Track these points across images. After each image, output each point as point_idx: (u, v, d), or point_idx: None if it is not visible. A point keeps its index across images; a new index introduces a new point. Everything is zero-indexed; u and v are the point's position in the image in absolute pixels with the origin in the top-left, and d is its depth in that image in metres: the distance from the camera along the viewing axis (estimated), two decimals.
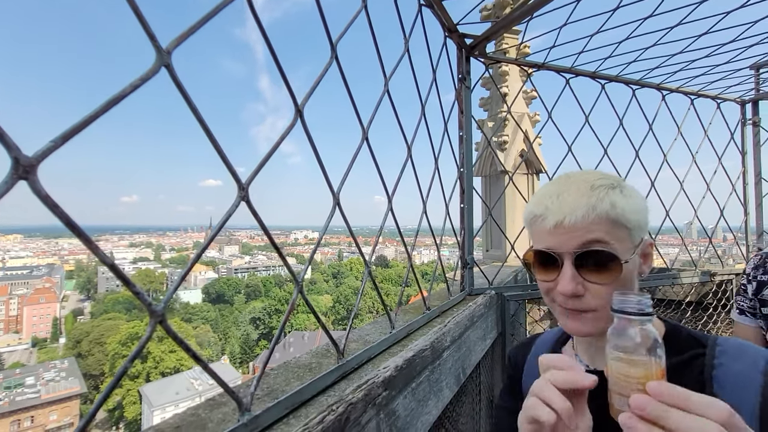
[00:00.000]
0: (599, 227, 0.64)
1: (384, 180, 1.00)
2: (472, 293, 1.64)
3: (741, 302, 1.47)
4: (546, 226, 0.67)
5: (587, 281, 0.65)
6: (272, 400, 0.63)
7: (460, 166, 1.62)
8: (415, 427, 0.88)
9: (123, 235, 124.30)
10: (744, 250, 2.61)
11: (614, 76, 2.05)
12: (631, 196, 0.67)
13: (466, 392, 1.38)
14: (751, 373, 0.60)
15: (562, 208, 0.65)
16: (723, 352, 0.64)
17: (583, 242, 0.64)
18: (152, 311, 0.44)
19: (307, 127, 0.69)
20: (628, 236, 0.66)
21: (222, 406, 0.66)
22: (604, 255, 0.63)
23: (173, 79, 0.47)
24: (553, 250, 0.67)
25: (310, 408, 0.65)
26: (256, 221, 0.63)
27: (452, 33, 1.53)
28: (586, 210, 0.64)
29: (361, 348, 0.88)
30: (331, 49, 0.80)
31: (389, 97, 1.03)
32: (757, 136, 2.56)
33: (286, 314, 0.66)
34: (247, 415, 0.56)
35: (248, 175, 0.59)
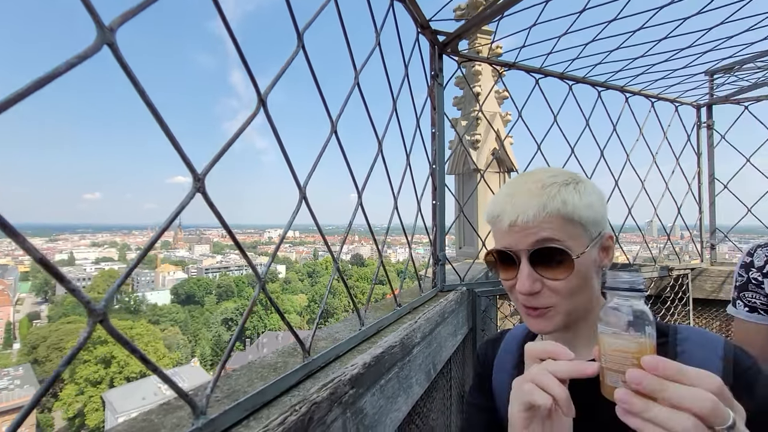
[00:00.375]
0: (551, 225, 0.66)
1: (353, 174, 0.98)
2: (444, 290, 1.64)
3: (752, 299, 1.30)
4: (502, 226, 0.70)
5: (544, 278, 0.66)
6: (231, 402, 0.60)
7: (433, 163, 1.62)
8: (383, 424, 0.87)
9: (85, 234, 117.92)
10: (699, 246, 2.76)
11: (581, 78, 2.12)
12: (585, 191, 0.69)
13: (437, 388, 1.38)
14: (712, 359, 0.63)
15: (515, 208, 0.68)
16: (684, 339, 0.67)
17: (536, 240, 0.66)
18: (91, 310, 0.40)
19: (271, 117, 0.66)
20: (583, 232, 0.67)
21: (178, 410, 0.62)
22: (557, 251, 0.65)
23: (118, 59, 0.43)
24: (510, 248, 0.69)
25: (272, 409, 0.63)
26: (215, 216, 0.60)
27: (425, 29, 1.53)
28: (536, 209, 0.66)
29: (328, 346, 0.86)
30: (298, 38, 0.77)
31: (359, 90, 1.01)
32: (710, 138, 2.71)
33: (247, 311, 0.63)
34: (202, 419, 0.53)
35: (205, 166, 0.55)
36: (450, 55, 1.72)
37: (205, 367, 44.35)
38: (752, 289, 1.30)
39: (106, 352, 36.13)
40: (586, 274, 0.67)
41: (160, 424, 0.58)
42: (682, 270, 2.47)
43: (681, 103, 2.61)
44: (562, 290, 0.66)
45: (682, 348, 0.66)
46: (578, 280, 0.66)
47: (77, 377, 35.58)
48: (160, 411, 0.62)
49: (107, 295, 0.43)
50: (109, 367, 36.11)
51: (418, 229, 1.58)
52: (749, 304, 1.30)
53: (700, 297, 2.49)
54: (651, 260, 2.50)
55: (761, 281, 1.28)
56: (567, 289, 0.66)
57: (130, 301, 59.47)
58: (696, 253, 2.78)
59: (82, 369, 35.64)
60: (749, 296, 1.30)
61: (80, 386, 35.42)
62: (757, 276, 1.29)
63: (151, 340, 39.76)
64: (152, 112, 0.47)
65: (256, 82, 0.65)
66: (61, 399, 35.37)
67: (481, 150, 2.85)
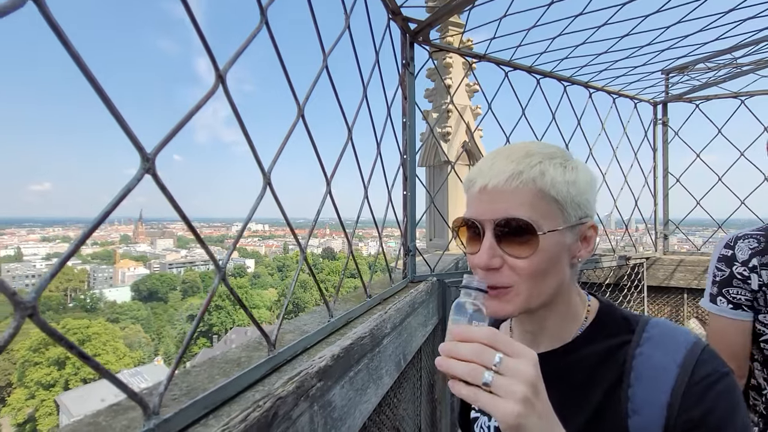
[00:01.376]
0: (522, 196, 0.60)
1: (322, 161, 0.94)
2: (414, 280, 1.64)
3: (737, 295, 1.19)
4: (474, 190, 0.65)
5: (506, 254, 0.61)
6: (189, 400, 0.56)
7: (404, 153, 1.61)
8: (353, 416, 0.85)
9: (33, 228, 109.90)
10: (653, 237, 2.93)
11: (548, 72, 2.16)
12: (573, 169, 0.63)
13: (407, 378, 1.39)
14: (668, 365, 0.58)
15: (489, 172, 0.62)
16: (648, 339, 0.62)
17: (503, 210, 0.60)
18: (17, 302, 0.35)
19: (230, 93, 0.61)
20: (558, 211, 0.61)
21: (129, 410, 0.57)
22: (524, 227, 0.59)
23: (44, 14, 0.38)
24: (475, 218, 0.64)
25: (234, 406, 0.59)
26: (168, 200, 0.55)
27: (396, 16, 1.50)
28: (510, 174, 0.60)
29: (296, 338, 0.83)
30: (261, 14, 0.72)
31: (328, 74, 0.97)
32: (665, 134, 2.86)
33: (206, 301, 0.59)
34: (154, 419, 0.49)
35: (155, 145, 0.50)
36: (421, 44, 1.70)
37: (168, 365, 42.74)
38: (737, 284, 1.19)
39: (60, 353, 34.04)
40: (554, 257, 0.61)
41: (108, 426, 0.53)
42: (638, 259, 2.61)
43: (639, 99, 2.73)
44: (523, 270, 0.60)
45: (641, 350, 0.61)
46: (543, 261, 0.60)
47: (27, 380, 33.33)
48: (110, 412, 0.57)
49: (38, 286, 0.38)
50: (64, 368, 34.08)
51: (389, 222, 1.56)
52: (734, 300, 1.19)
53: (654, 284, 2.65)
54: (610, 251, 2.63)
55: (748, 276, 1.17)
56: (529, 269, 0.60)
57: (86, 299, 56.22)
58: (650, 245, 2.94)
59: (33, 372, 33.41)
60: (734, 292, 1.19)
61: (31, 390, 33.21)
62: (743, 270, 1.18)
63: (109, 339, 37.80)
64: (88, 78, 0.42)
65: (213, 57, 0.60)
66: (10, 404, 33.05)
67: (452, 142, 2.87)
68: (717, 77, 2.43)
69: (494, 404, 0.47)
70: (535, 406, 0.47)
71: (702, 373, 0.56)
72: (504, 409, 0.46)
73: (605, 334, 0.65)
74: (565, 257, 0.64)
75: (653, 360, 0.59)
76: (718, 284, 1.23)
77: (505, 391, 0.46)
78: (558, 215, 0.61)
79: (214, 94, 0.61)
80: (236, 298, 0.60)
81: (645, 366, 0.59)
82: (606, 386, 0.61)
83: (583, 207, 0.63)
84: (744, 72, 2.30)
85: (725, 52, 2.05)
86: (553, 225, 0.61)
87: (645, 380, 0.58)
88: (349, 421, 0.83)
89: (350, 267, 1.19)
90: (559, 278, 0.64)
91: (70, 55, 0.40)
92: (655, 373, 0.58)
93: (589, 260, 2.43)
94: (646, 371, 0.59)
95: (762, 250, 1.16)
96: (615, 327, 0.66)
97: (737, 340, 1.20)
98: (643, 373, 0.59)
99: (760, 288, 1.15)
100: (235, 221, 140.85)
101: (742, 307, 1.19)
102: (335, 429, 0.77)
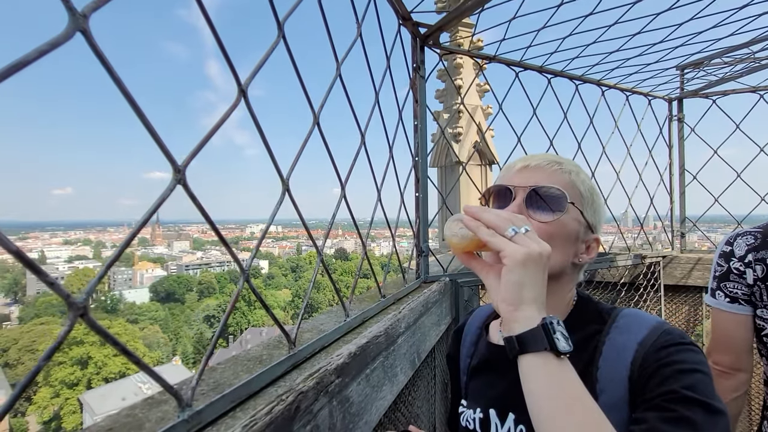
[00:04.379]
0: (558, 177, 0.70)
1: (336, 166, 0.98)
2: (427, 280, 1.67)
3: (733, 289, 1.24)
4: (513, 170, 0.75)
5: (531, 218, 0.69)
6: (217, 395, 0.60)
7: (415, 155, 1.63)
8: (369, 412, 0.88)
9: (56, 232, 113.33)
10: (670, 235, 2.88)
11: (559, 71, 2.16)
12: (590, 184, 0.74)
13: (421, 376, 1.41)
14: (629, 344, 0.63)
15: (532, 158, 0.74)
16: (616, 327, 0.67)
17: (538, 180, 0.70)
18: (71, 303, 0.39)
19: (252, 108, 0.65)
20: (581, 203, 0.71)
21: (162, 404, 0.61)
22: (554, 193, 0.68)
23: (92, 47, 0.42)
24: (510, 185, 0.72)
25: (259, 399, 0.63)
26: (197, 208, 0.59)
27: (406, 21, 1.53)
28: (551, 161, 0.72)
29: (314, 337, 0.87)
30: (278, 28, 0.76)
31: (341, 82, 1.01)
32: (681, 131, 2.81)
33: (232, 301, 0.62)
34: (188, 411, 0.53)
35: (185, 157, 0.54)
36: (432, 48, 1.73)
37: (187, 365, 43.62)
38: (733, 279, 1.25)
39: (83, 353, 35.06)
40: (567, 235, 0.69)
41: (144, 418, 0.57)
42: (654, 258, 2.58)
43: (654, 96, 2.69)
44: (542, 232, 0.66)
45: (610, 336, 0.66)
46: (558, 234, 0.68)
47: (52, 380, 34.43)
48: (144, 405, 0.61)
49: (87, 288, 0.42)
50: (86, 368, 35.10)
51: (401, 222, 1.59)
52: (730, 294, 1.25)
53: (671, 283, 2.61)
54: (625, 249, 2.60)
55: (743, 271, 1.23)
56: (547, 232, 0.67)
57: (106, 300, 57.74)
58: (667, 243, 2.89)
59: (57, 371, 34.50)
60: (731, 287, 1.25)
61: (55, 389, 34.29)
62: (739, 266, 1.24)
63: (129, 340, 38.74)
64: (129, 102, 0.46)
65: (236, 72, 0.64)
66: (36, 402, 34.17)
67: (463, 143, 2.88)
68: (734, 72, 2.38)
69: (508, 245, 0.55)
70: (540, 261, 0.55)
71: (658, 343, 0.60)
72: (517, 249, 0.54)
73: (580, 325, 0.70)
74: (574, 246, 0.71)
75: (617, 342, 0.65)
76: (717, 279, 1.29)
77: (522, 241, 0.55)
78: (580, 206, 0.71)
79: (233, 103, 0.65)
80: (259, 298, 0.64)
81: (610, 348, 0.64)
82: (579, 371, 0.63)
83: (596, 218, 0.73)
84: (762, 66, 2.25)
85: (742, 47, 2.02)
86: (576, 208, 0.70)
87: (608, 360, 0.63)
88: (366, 416, 0.86)
89: (364, 268, 1.22)
90: (564, 259, 0.70)
91: (113, 79, 0.44)
92: (617, 352, 0.63)
93: (603, 259, 2.41)
94: (610, 352, 0.64)
95: (758, 246, 1.21)
96: (589, 318, 0.71)
97: (734, 332, 1.24)
98: (608, 354, 0.64)
99: (755, 282, 1.20)
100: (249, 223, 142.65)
101: (738, 300, 1.24)
102: (353, 423, 0.80)
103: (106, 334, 0.44)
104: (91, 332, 9.73)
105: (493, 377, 0.77)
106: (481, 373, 0.80)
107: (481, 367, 0.80)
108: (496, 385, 0.75)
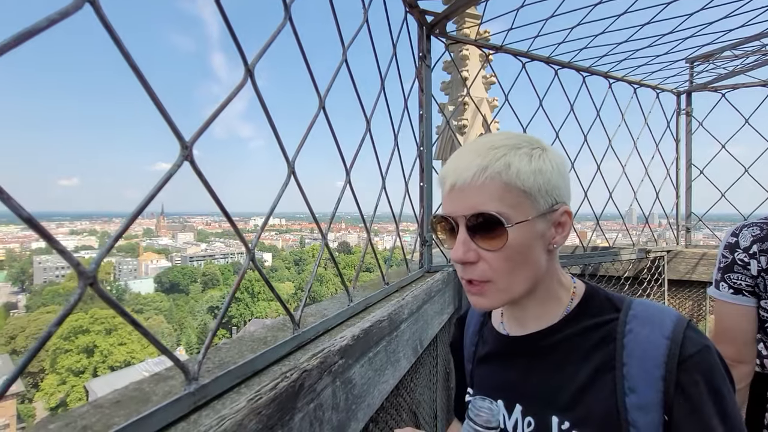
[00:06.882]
0: (489, 190, 0.60)
1: (341, 152, 0.98)
2: (431, 270, 1.67)
3: (737, 281, 1.23)
4: (446, 189, 0.66)
5: (480, 248, 0.62)
6: (222, 371, 0.61)
7: (420, 144, 1.63)
8: (371, 395, 0.89)
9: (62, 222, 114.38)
10: (675, 232, 2.86)
11: (566, 62, 2.14)
12: (538, 157, 0.63)
13: (423, 364, 1.42)
14: (657, 339, 0.58)
15: (456, 170, 0.63)
16: (634, 317, 0.63)
17: (472, 205, 0.61)
18: (81, 272, 0.40)
19: (258, 88, 0.65)
20: (528, 201, 0.61)
21: (169, 379, 0.62)
22: (491, 219, 0.60)
23: (100, 18, 0.42)
24: (449, 215, 0.65)
25: (263, 377, 0.64)
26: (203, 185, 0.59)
27: (413, 8, 1.51)
28: (476, 170, 0.61)
29: (317, 320, 0.87)
30: (285, 9, 0.76)
31: (347, 67, 1.00)
32: (689, 125, 2.78)
33: (237, 281, 0.63)
34: (194, 384, 0.54)
35: (192, 134, 0.55)
36: (438, 37, 1.71)
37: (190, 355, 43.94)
38: (738, 270, 1.23)
39: (89, 341, 35.53)
40: (526, 247, 0.62)
41: (151, 391, 0.58)
42: (658, 252, 2.57)
43: (662, 89, 2.66)
44: (497, 263, 0.61)
45: (630, 327, 0.62)
46: (516, 253, 0.61)
47: (59, 367, 34.98)
48: (152, 380, 0.62)
49: (96, 257, 0.43)
50: (92, 356, 35.60)
51: (405, 216, 1.59)
52: (734, 285, 1.24)
53: (675, 278, 2.60)
54: (630, 245, 2.59)
55: (747, 262, 1.21)
56: (503, 262, 0.61)
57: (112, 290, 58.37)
58: (672, 240, 2.88)
59: (64, 359, 35.02)
60: (734, 278, 1.24)
61: (62, 376, 34.84)
62: (743, 257, 1.22)
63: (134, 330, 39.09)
64: (138, 75, 0.46)
65: (242, 51, 0.64)
66: (43, 389, 34.76)
67: (468, 135, 2.87)
68: (744, 65, 2.35)
69: None
70: None
71: (692, 346, 0.57)
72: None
73: (590, 315, 0.66)
74: (539, 246, 0.64)
75: (641, 336, 0.60)
76: (721, 270, 1.27)
77: None
78: (527, 205, 0.61)
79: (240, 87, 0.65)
80: (264, 279, 0.65)
81: (636, 342, 0.60)
82: (595, 364, 0.62)
83: (553, 194, 0.63)
84: None
85: (753, 39, 1.99)
86: (523, 216, 0.61)
87: (637, 358, 0.59)
88: (368, 399, 0.88)
89: (366, 261, 1.23)
90: (535, 267, 0.64)
91: (122, 53, 0.44)
92: (645, 348, 0.59)
93: (607, 253, 2.40)
94: (637, 348, 0.59)
95: (763, 237, 1.20)
96: (599, 307, 0.67)
97: (737, 324, 1.23)
98: (635, 349, 0.59)
99: (759, 273, 1.19)
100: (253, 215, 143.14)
101: (742, 292, 1.22)
102: (355, 405, 0.81)
103: (114, 304, 0.45)
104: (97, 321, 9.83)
105: (499, 368, 0.76)
106: (487, 363, 0.79)
107: (486, 357, 0.80)
108: (502, 375, 0.74)
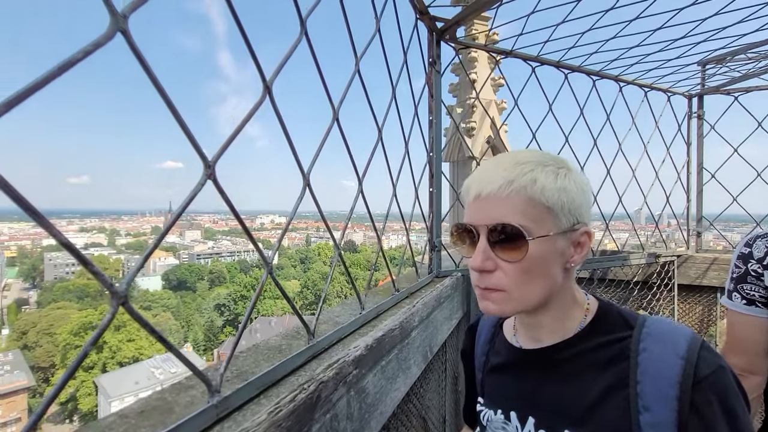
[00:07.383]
0: (514, 203, 0.62)
1: (354, 161, 0.99)
2: (440, 275, 1.68)
3: (750, 291, 1.23)
4: (470, 198, 0.68)
5: (498, 258, 0.64)
6: (242, 382, 0.62)
7: (430, 150, 1.64)
8: (384, 403, 0.90)
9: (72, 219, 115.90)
10: (685, 234, 2.84)
11: (576, 67, 2.13)
12: (566, 177, 0.64)
13: (432, 369, 1.43)
14: (671, 359, 0.59)
15: (482, 181, 0.65)
16: (648, 335, 0.63)
17: (496, 216, 0.63)
18: (114, 292, 0.42)
19: (276, 105, 0.67)
20: (550, 217, 0.63)
21: (190, 389, 0.64)
22: (513, 231, 0.62)
23: (131, 46, 0.44)
24: (471, 223, 0.67)
25: (281, 388, 0.66)
26: (225, 203, 0.61)
27: (423, 15, 1.52)
28: (502, 183, 0.63)
29: (331, 329, 0.89)
30: (301, 24, 0.77)
31: (360, 77, 1.01)
32: (701, 128, 2.75)
33: (255, 294, 0.65)
34: (217, 397, 0.56)
35: (215, 153, 0.56)
36: (448, 42, 1.72)
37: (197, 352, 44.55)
38: (751, 281, 1.23)
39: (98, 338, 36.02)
40: (544, 262, 0.63)
41: (174, 402, 0.60)
42: (668, 257, 2.55)
43: (673, 92, 2.64)
44: (514, 274, 0.63)
45: (644, 345, 0.62)
46: (534, 266, 0.63)
47: (68, 362, 35.51)
48: (173, 390, 0.64)
49: (127, 278, 0.44)
50: (101, 352, 36.11)
51: (415, 217, 1.60)
52: (747, 296, 1.23)
53: (685, 283, 2.58)
54: (639, 247, 2.57)
55: (761, 273, 1.20)
56: (520, 273, 0.63)
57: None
58: (682, 241, 2.85)
59: (73, 354, 35.57)
60: (747, 288, 1.24)
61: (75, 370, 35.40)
62: (757, 268, 1.22)
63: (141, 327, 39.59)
64: (166, 101, 0.48)
65: (261, 68, 0.65)
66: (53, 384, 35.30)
67: (476, 137, 2.87)
68: (758, 68, 2.32)
69: None
70: None
71: (706, 367, 0.57)
72: None
73: (604, 331, 0.67)
74: (557, 262, 0.65)
75: (655, 354, 0.60)
76: (734, 281, 1.27)
77: None
78: (550, 221, 0.63)
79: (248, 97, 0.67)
80: (283, 294, 0.66)
81: (650, 360, 0.60)
82: (608, 381, 0.62)
83: (575, 213, 0.65)
84: None
85: (767, 42, 1.96)
86: (544, 231, 0.63)
87: (651, 376, 0.59)
88: (381, 407, 0.89)
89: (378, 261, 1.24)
90: (551, 282, 0.66)
91: (150, 77, 0.46)
92: (659, 367, 0.59)
93: (616, 257, 2.39)
94: (651, 366, 0.60)
95: None
96: (613, 324, 0.68)
97: (750, 335, 1.21)
98: (649, 367, 0.60)
99: None
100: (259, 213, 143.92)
101: (755, 303, 1.22)
102: (369, 413, 0.83)
103: (144, 323, 0.46)
104: None
105: (512, 379, 0.76)
106: (499, 373, 0.80)
107: (498, 368, 0.81)
108: (515, 387, 0.75)
